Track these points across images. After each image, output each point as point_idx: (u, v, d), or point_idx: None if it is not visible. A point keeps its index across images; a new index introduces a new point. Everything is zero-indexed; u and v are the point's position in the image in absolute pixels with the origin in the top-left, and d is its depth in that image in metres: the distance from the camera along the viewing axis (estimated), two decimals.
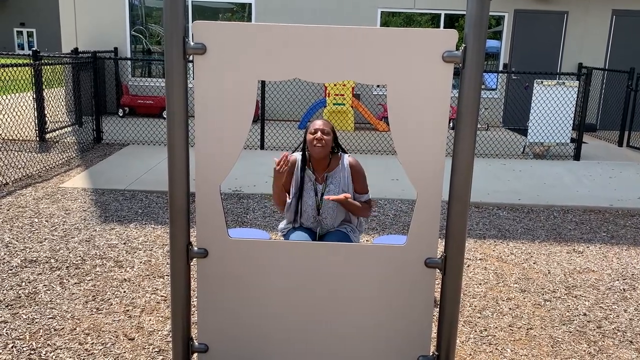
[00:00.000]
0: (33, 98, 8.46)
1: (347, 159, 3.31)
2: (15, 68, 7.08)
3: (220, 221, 2.33)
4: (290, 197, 3.34)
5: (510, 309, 3.72)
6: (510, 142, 9.84)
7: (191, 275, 3.93)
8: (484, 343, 3.28)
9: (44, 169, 6.89)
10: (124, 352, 3.04)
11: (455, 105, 10.55)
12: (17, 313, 3.40)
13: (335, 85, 10.15)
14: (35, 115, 8.47)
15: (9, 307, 3.47)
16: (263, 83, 8.49)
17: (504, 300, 3.83)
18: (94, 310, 3.48)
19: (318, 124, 3.20)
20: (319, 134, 3.16)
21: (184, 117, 2.22)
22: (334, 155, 3.32)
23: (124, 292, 3.74)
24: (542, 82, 8.38)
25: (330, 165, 3.30)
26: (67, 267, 4.09)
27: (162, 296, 3.71)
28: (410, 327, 2.41)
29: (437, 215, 2.29)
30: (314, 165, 3.29)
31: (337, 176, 3.28)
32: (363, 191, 3.33)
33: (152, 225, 5.05)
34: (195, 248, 2.37)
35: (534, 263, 4.52)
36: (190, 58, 2.21)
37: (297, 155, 3.34)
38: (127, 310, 3.49)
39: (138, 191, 6.09)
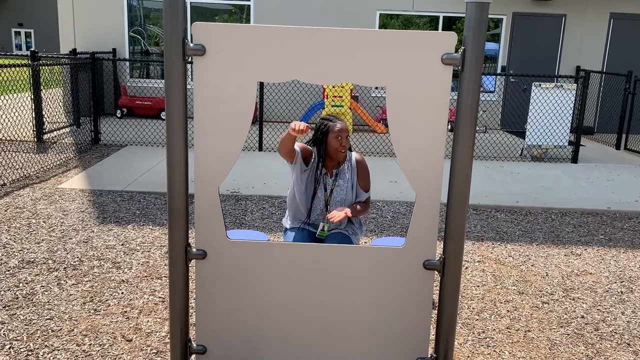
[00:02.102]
0: (31, 99, 8.45)
1: (354, 155, 3.35)
2: (13, 68, 7.07)
3: (218, 222, 2.33)
4: (300, 188, 3.33)
5: (508, 311, 3.72)
6: (508, 144, 9.85)
7: (189, 277, 3.93)
8: (482, 345, 3.28)
9: (41, 169, 6.88)
10: (122, 354, 3.03)
11: (454, 108, 10.57)
12: (15, 314, 3.40)
13: (333, 87, 10.16)
14: (33, 116, 8.46)
15: (7, 308, 3.46)
16: (262, 84, 8.49)
17: (502, 303, 3.84)
18: (92, 311, 3.48)
19: (340, 125, 3.17)
20: (344, 141, 3.17)
21: (183, 118, 2.22)
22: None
23: (122, 293, 3.74)
24: (540, 85, 8.40)
25: (340, 162, 3.33)
26: (65, 268, 4.08)
27: (160, 297, 3.70)
28: (408, 329, 2.41)
29: (435, 217, 2.29)
30: (326, 160, 3.31)
31: (346, 172, 3.32)
32: (366, 189, 3.37)
33: (150, 227, 5.04)
34: (194, 249, 2.37)
35: (532, 265, 4.53)
36: (190, 59, 2.21)
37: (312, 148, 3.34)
38: (125, 312, 3.49)
39: (136, 192, 6.08)
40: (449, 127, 10.46)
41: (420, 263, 2.34)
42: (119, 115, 10.96)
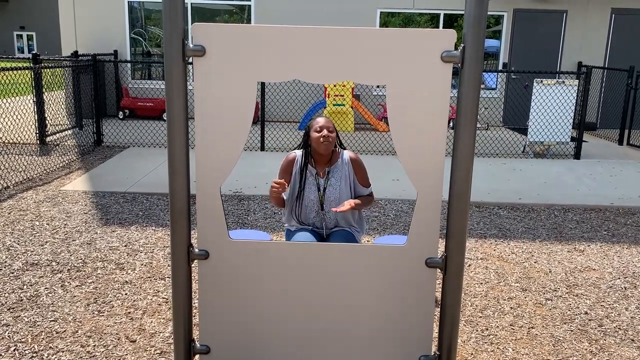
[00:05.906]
0: (33, 101, 8.47)
1: (346, 153, 3.37)
2: (15, 71, 7.09)
3: (221, 223, 2.33)
4: (290, 193, 3.37)
5: (511, 308, 3.72)
6: (511, 141, 9.84)
7: (192, 277, 3.93)
8: (486, 342, 3.28)
9: (44, 172, 6.90)
10: (126, 355, 3.04)
11: (455, 105, 10.54)
12: (19, 316, 3.41)
13: (335, 86, 10.15)
14: (36, 118, 8.48)
15: (11, 310, 3.47)
16: (263, 84, 8.50)
17: (505, 300, 3.83)
18: (96, 312, 3.49)
19: (322, 121, 3.26)
20: (325, 131, 3.22)
21: (183, 119, 2.23)
22: (334, 151, 3.37)
23: (126, 294, 3.75)
24: (541, 81, 8.38)
25: (332, 160, 3.35)
26: (69, 269, 4.10)
27: (163, 298, 3.71)
28: (411, 327, 2.41)
29: (437, 215, 2.29)
30: (315, 161, 3.33)
31: (338, 170, 3.33)
32: (366, 184, 3.41)
33: (153, 228, 5.05)
34: (196, 250, 2.38)
35: (535, 262, 4.52)
36: (190, 60, 2.22)
37: (297, 153, 3.37)
38: (129, 313, 3.50)
39: (139, 193, 6.09)
40: (450, 124, 10.45)
41: (422, 261, 2.34)
42: (121, 117, 10.98)
